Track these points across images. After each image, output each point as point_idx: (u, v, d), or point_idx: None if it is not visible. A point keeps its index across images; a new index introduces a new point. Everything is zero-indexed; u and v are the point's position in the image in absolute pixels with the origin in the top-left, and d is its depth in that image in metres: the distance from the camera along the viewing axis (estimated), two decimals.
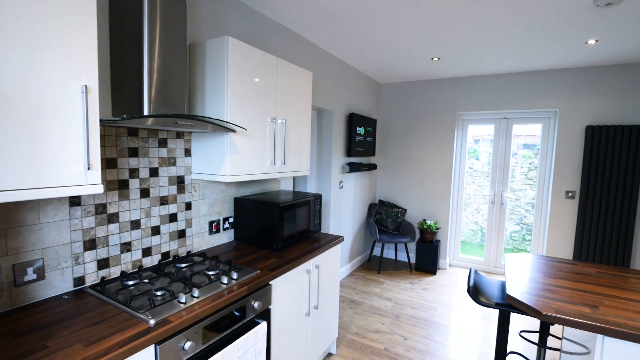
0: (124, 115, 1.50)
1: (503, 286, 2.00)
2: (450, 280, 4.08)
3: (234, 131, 1.71)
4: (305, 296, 2.04)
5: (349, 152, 3.80)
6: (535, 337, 2.94)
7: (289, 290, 1.87)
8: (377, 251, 4.92)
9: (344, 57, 3.49)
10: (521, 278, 1.74)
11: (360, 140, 4.00)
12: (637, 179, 3.40)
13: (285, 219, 2.06)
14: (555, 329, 2.99)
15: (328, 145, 3.55)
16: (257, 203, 2.08)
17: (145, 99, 1.48)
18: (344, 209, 3.94)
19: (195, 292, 1.38)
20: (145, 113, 1.48)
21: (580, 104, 3.65)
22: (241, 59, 1.79)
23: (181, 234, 1.93)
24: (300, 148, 2.34)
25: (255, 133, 1.92)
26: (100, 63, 1.50)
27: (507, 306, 1.70)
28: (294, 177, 3.65)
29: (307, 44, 2.98)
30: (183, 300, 1.33)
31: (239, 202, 2.17)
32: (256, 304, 1.58)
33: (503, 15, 2.35)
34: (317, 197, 2.40)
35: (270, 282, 1.71)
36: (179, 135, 1.87)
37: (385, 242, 4.13)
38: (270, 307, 1.71)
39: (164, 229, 1.83)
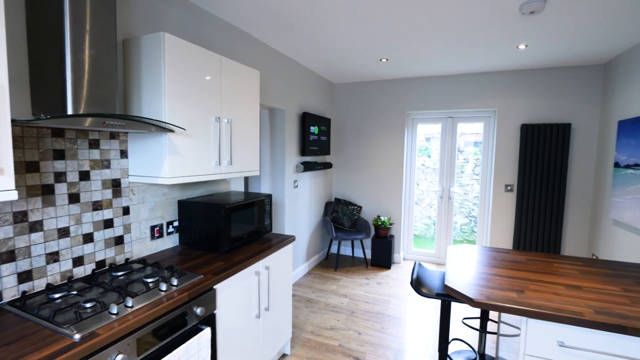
0: (41, 115, 1.37)
1: (444, 277, 2.10)
2: (404, 273, 4.24)
3: (172, 131, 1.63)
4: (255, 298, 2.01)
5: (303, 152, 3.81)
6: (478, 323, 3.14)
7: (236, 293, 1.83)
8: (334, 249, 4.99)
9: (295, 56, 3.49)
10: (460, 268, 1.85)
11: (315, 140, 4.02)
12: (565, 173, 3.75)
13: (233, 220, 2.01)
14: (495, 313, 3.22)
15: (281, 145, 3.52)
16: (202, 205, 2.02)
17: (69, 97, 1.37)
18: (299, 209, 3.95)
19: (129, 302, 1.31)
20: (70, 112, 1.37)
21: (516, 104, 3.96)
22: (180, 57, 1.72)
23: (118, 240, 1.81)
24: (248, 148, 2.30)
25: (197, 133, 1.85)
26: (15, 58, 1.36)
27: (446, 296, 1.80)
28: (246, 178, 3.59)
29: (256, 43, 2.94)
30: (115, 311, 1.25)
31: (183, 205, 2.09)
32: (199, 310, 1.53)
33: (443, 21, 2.48)
34: (268, 197, 2.37)
35: (215, 287, 1.66)
36: (113, 136, 1.75)
37: (341, 239, 4.19)
38: (215, 312, 1.66)
39: (98, 236, 1.71)
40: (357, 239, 4.25)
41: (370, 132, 4.66)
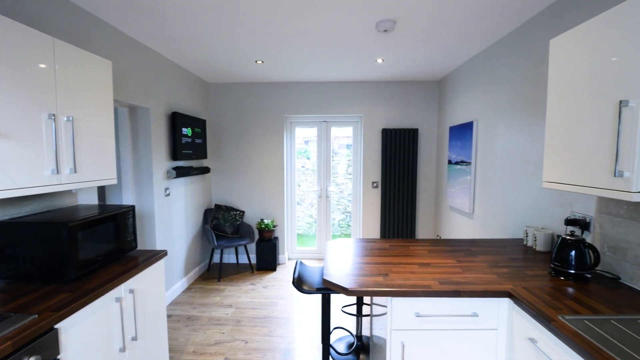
0: None
1: (323, 272, 2.22)
2: (289, 273, 4.32)
3: None
4: (117, 329, 1.70)
5: (175, 156, 3.46)
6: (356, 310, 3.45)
7: (89, 328, 1.51)
8: (217, 258, 4.72)
9: (162, 50, 3.14)
10: (337, 261, 1.97)
11: (188, 142, 3.71)
12: (415, 170, 4.47)
13: (82, 240, 1.66)
14: (368, 298, 3.59)
15: (147, 149, 3.12)
16: (34, 226, 1.59)
17: None
18: (173, 219, 3.57)
19: None
20: None
21: (377, 111, 4.51)
22: None
23: None
24: (100, 152, 1.94)
25: (20, 133, 1.45)
26: None
27: (325, 289, 1.90)
28: (101, 188, 3.05)
29: (111, 30, 2.52)
30: None
31: (3, 228, 1.61)
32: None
33: (314, 31, 2.62)
34: (130, 209, 2.05)
35: (57, 326, 1.33)
36: None
37: (224, 247, 3.99)
38: (59, 357, 1.33)
39: None
40: (241, 245, 4.12)
41: (249, 135, 4.58)
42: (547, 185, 1.69)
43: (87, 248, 1.70)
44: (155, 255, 2.07)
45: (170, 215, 3.50)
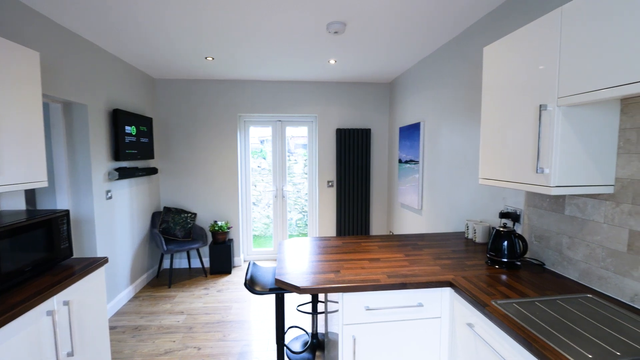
0: None
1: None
2: (245, 276, 4.23)
3: None
4: (50, 345, 1.56)
5: (118, 156, 3.24)
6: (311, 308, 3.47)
7: (17, 345, 1.36)
8: (167, 263, 4.49)
9: (101, 43, 2.92)
10: (290, 260, 1.97)
11: (133, 142, 3.49)
12: (369, 168, 4.61)
13: (4, 250, 1.49)
14: (322, 295, 3.63)
15: (84, 148, 2.88)
16: None
17: None
18: (117, 224, 3.34)
19: None
20: None
21: (332, 111, 4.58)
22: None
23: None
24: (26, 151, 1.76)
25: None
26: None
27: (278, 289, 1.89)
28: (30, 192, 2.77)
29: (41, 19, 2.28)
30: None
31: None
32: None
33: (265, 29, 2.59)
34: (63, 215, 1.88)
35: None
36: None
37: (174, 251, 3.81)
38: None
39: None
40: (193, 249, 3.96)
41: (201, 134, 4.42)
42: (483, 182, 1.84)
43: (11, 258, 1.54)
44: (94, 263, 1.92)
45: (113, 220, 3.27)
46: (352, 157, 4.55)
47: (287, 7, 2.26)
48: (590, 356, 1.03)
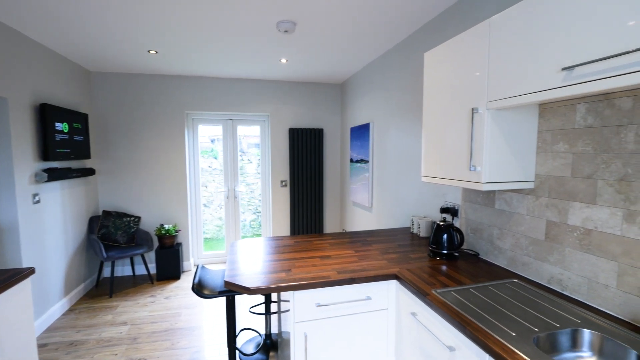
0: None
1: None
2: None
3: None
4: None
5: (47, 155, 2.93)
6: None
7: None
8: (108, 271, 4.16)
9: (22, 28, 2.62)
10: (240, 261, 1.94)
11: (64, 140, 3.18)
12: (322, 168, 4.67)
13: None
14: (275, 295, 3.62)
15: (5, 147, 2.57)
16: None
17: None
18: (47, 230, 3.03)
19: None
20: None
21: (284, 110, 4.57)
22: None
23: None
24: None
25: None
26: None
27: (228, 291, 1.85)
28: None
29: None
30: None
31: None
32: None
33: (210, 25, 2.50)
34: None
35: None
36: None
37: (116, 258, 3.55)
38: None
39: None
40: (137, 255, 3.72)
41: (145, 132, 4.15)
42: (425, 180, 1.96)
43: None
44: (17, 275, 1.73)
45: (42, 226, 2.96)
46: (305, 157, 4.58)
47: (234, 3, 2.21)
48: (513, 334, 1.15)
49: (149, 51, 3.19)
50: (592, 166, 1.36)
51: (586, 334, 1.18)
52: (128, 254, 3.64)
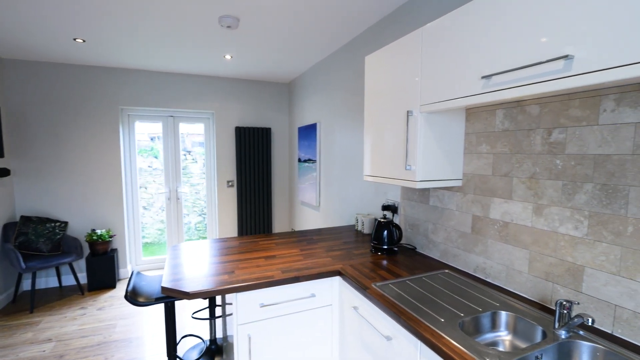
0: None
1: None
2: None
3: None
4: None
5: None
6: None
7: None
8: (28, 284, 3.71)
9: None
10: (180, 265, 1.85)
11: None
12: (270, 167, 4.62)
13: None
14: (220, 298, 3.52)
15: None
16: None
17: None
18: None
19: None
20: None
21: (230, 108, 4.44)
22: None
23: None
24: None
25: None
26: None
27: (166, 297, 1.76)
28: None
29: None
30: None
31: None
32: None
33: (145, 13, 2.34)
34: None
35: None
36: None
37: (38, 269, 3.18)
38: None
39: None
40: (63, 264, 3.36)
41: (71, 128, 3.77)
42: (367, 178, 2.03)
43: None
44: None
45: None
46: (252, 156, 4.50)
47: None
48: (442, 320, 1.24)
49: (74, 39, 2.90)
50: (509, 165, 1.52)
51: (503, 315, 1.32)
52: (53, 264, 3.27)
